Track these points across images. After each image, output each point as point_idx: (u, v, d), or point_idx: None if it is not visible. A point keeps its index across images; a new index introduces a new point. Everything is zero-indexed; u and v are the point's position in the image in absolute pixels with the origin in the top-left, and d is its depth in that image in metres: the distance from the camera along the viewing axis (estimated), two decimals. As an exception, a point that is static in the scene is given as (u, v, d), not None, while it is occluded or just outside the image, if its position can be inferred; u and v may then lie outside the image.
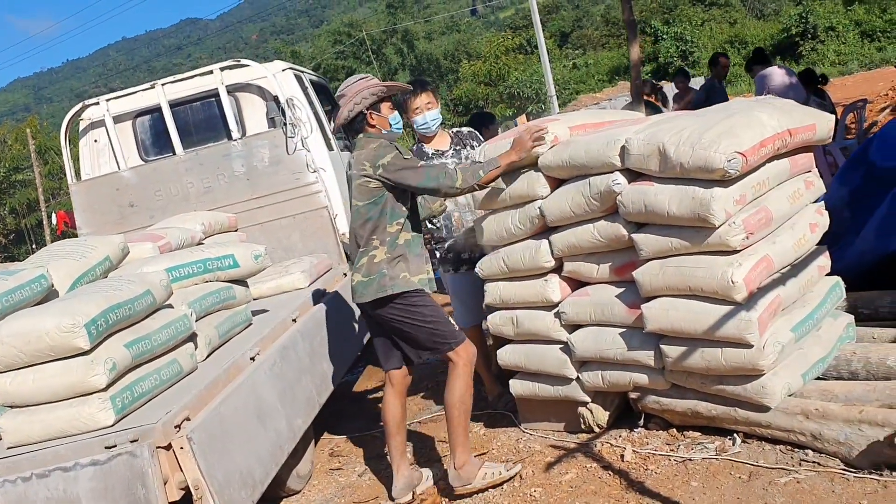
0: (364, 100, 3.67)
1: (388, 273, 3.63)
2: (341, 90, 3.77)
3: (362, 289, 3.68)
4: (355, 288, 3.73)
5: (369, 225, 3.66)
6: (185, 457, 2.91)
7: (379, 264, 3.64)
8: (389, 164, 3.57)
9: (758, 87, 7.64)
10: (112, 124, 6.25)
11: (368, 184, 3.61)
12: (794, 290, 3.36)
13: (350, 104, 3.67)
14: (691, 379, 3.42)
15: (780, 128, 3.20)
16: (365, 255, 3.68)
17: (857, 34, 36.77)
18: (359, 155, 3.68)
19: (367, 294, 3.66)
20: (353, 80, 3.77)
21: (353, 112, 3.68)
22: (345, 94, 3.73)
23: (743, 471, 3.18)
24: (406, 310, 3.66)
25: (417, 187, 3.64)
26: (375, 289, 3.64)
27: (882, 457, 2.92)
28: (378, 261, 3.64)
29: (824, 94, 9.30)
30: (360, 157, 3.66)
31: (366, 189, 3.63)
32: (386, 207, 3.64)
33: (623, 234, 3.48)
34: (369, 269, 3.65)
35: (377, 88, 3.70)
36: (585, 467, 3.56)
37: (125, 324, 3.22)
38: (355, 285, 3.72)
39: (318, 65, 45.90)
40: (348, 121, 3.72)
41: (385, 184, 3.60)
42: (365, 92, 3.67)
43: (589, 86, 39.78)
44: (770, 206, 3.24)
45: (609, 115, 4.24)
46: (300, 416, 3.98)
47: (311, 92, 6.57)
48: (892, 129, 4.72)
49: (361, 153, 3.67)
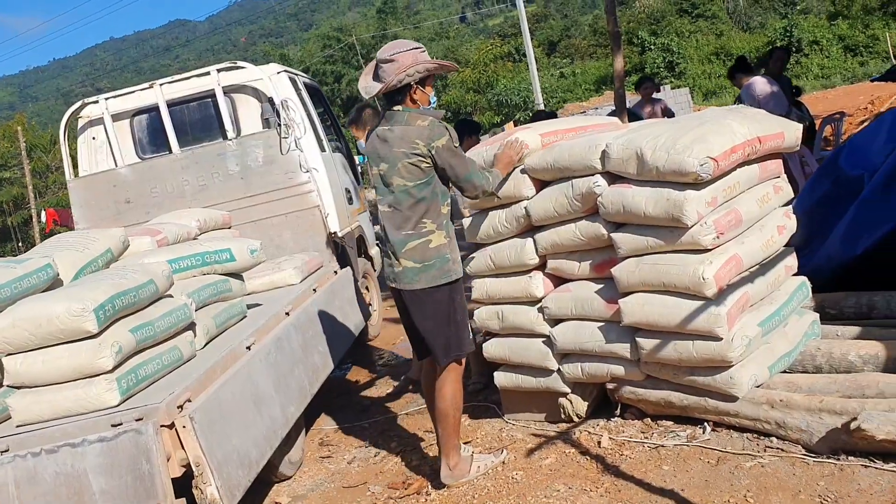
0: (417, 73, 3.47)
1: (452, 257, 3.56)
2: (390, 54, 3.50)
3: (414, 275, 3.52)
4: (402, 274, 3.55)
5: (421, 206, 3.50)
6: (187, 435, 3.08)
7: (439, 249, 3.52)
8: (444, 147, 3.45)
9: (744, 96, 7.86)
10: (110, 122, 6.40)
11: (420, 164, 3.46)
12: (762, 287, 3.58)
13: (401, 73, 3.44)
14: (664, 370, 3.63)
15: (750, 135, 3.43)
16: (415, 239, 3.51)
17: (840, 48, 37.36)
18: (406, 132, 3.48)
19: (421, 280, 3.52)
20: (407, 47, 3.53)
21: (402, 82, 3.46)
22: (394, 59, 3.47)
23: (711, 456, 3.39)
24: (451, 298, 3.60)
25: (459, 178, 3.53)
26: (437, 274, 3.52)
27: (839, 443, 3.14)
28: (437, 245, 3.52)
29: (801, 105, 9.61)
30: (408, 133, 3.47)
31: (416, 170, 3.47)
32: (437, 188, 3.53)
33: (603, 234, 3.69)
34: (424, 254, 3.51)
35: (431, 65, 3.54)
36: (564, 453, 3.76)
37: (130, 310, 3.39)
38: (402, 271, 3.55)
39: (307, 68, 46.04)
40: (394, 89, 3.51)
41: (434, 164, 3.49)
42: (419, 66, 3.46)
43: (576, 94, 40.19)
44: (740, 209, 3.46)
45: (577, 121, 4.46)
46: (293, 403, 4.15)
47: (305, 94, 6.74)
48: (861, 139, 4.97)
49: (410, 130, 3.47)
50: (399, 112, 3.55)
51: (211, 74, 6.31)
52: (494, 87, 41.75)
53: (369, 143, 3.69)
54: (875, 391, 3.27)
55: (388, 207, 3.59)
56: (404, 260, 3.55)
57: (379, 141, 3.59)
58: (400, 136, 3.49)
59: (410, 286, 3.57)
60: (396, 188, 3.53)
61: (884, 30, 35.48)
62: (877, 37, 35.36)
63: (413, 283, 3.55)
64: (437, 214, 3.54)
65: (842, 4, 40.19)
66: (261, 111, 6.38)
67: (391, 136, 3.53)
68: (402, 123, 3.51)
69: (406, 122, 3.51)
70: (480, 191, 3.64)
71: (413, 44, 3.57)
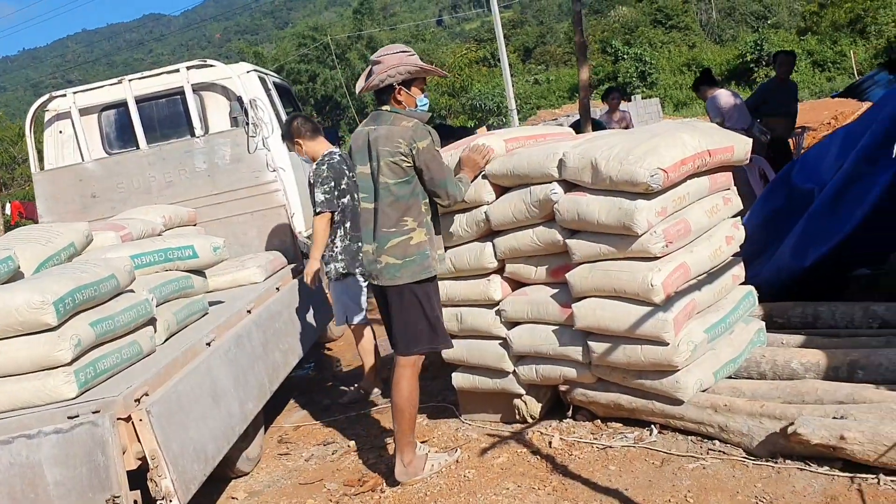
0: (399, 75, 3.62)
1: (431, 254, 3.72)
2: (379, 55, 3.72)
3: (395, 271, 3.67)
4: (384, 270, 3.70)
5: (401, 204, 3.65)
6: (143, 428, 3.12)
7: (420, 245, 3.67)
8: (425, 150, 3.60)
9: (709, 108, 7.99)
10: (78, 116, 6.39)
11: (402, 163, 3.61)
12: (709, 295, 3.71)
13: (383, 74, 3.62)
14: (614, 373, 3.74)
15: (700, 148, 3.55)
16: (397, 236, 3.66)
17: (808, 63, 37.98)
18: (390, 131, 3.63)
19: (402, 276, 3.67)
20: (395, 50, 3.72)
21: (384, 83, 3.62)
22: (381, 61, 3.68)
23: (656, 458, 3.50)
24: (429, 293, 3.76)
25: (435, 183, 3.66)
26: (418, 270, 3.67)
27: (778, 446, 3.27)
28: (417, 242, 3.67)
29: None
30: (392, 133, 3.62)
31: (398, 168, 3.62)
32: (417, 187, 3.67)
33: (559, 240, 3.79)
34: (405, 251, 3.66)
35: (414, 68, 3.65)
36: (516, 452, 3.85)
37: (90, 304, 3.42)
38: (384, 267, 3.69)
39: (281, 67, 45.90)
40: (377, 89, 3.69)
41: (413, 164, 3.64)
42: (401, 67, 3.61)
43: (550, 101, 40.48)
44: (689, 219, 3.58)
45: (540, 129, 4.60)
46: (251, 400, 4.20)
47: (274, 94, 6.80)
48: (813, 153, 5.14)
49: (394, 129, 3.63)
50: (385, 112, 3.72)
51: (180, 71, 6.33)
52: (469, 91, 41.92)
53: (354, 141, 3.82)
54: (814, 398, 3.40)
55: (371, 205, 3.73)
56: (386, 256, 3.69)
57: (363, 138, 3.75)
58: (385, 135, 3.64)
59: (392, 282, 3.71)
60: (381, 186, 3.67)
61: (851, 46, 36.23)
62: (844, 53, 36.08)
63: (395, 279, 3.70)
64: (418, 213, 3.69)
65: (811, 20, 40.93)
66: (229, 109, 6.42)
67: (375, 134, 3.68)
68: (388, 123, 3.68)
69: (391, 123, 3.67)
70: (453, 200, 3.77)
71: (402, 47, 3.76)
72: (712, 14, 52.52)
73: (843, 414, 3.12)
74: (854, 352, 3.61)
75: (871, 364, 3.49)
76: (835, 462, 3.09)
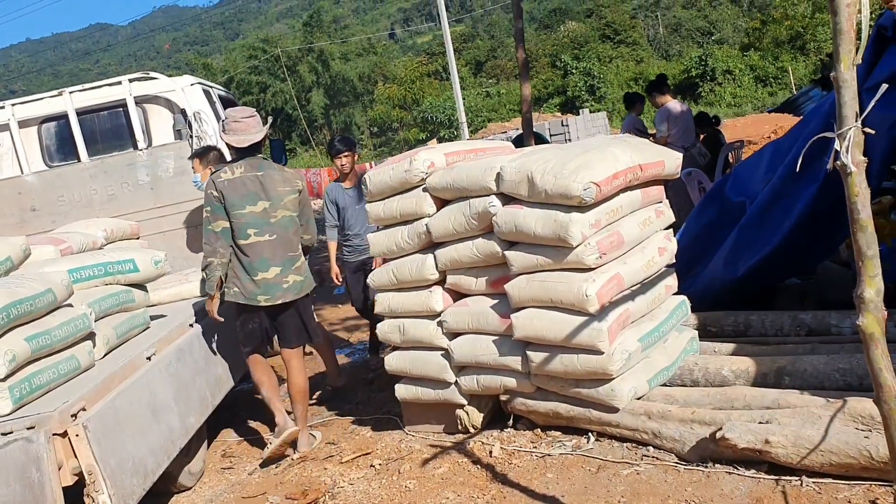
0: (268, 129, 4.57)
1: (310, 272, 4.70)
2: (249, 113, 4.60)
3: (300, 286, 4.57)
4: (292, 287, 4.51)
5: (298, 232, 4.59)
6: (79, 444, 3.10)
7: (305, 264, 4.68)
8: (304, 191, 4.67)
9: (657, 118, 8.14)
10: (17, 128, 6.30)
11: (296, 199, 4.56)
12: (643, 305, 3.81)
13: (265, 129, 4.56)
14: (553, 382, 3.82)
15: (632, 162, 3.66)
16: (299, 259, 4.58)
17: (751, 78, 38.96)
18: (283, 175, 4.56)
19: (304, 289, 4.61)
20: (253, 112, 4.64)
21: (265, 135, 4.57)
22: (254, 116, 4.59)
23: (593, 464, 3.58)
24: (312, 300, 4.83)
25: (308, 219, 4.71)
26: (309, 283, 4.66)
27: (708, 451, 3.37)
28: (304, 262, 4.66)
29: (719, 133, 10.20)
30: (286, 176, 4.58)
31: (296, 203, 4.56)
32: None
33: (497, 251, 3.87)
34: (302, 269, 4.61)
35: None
36: (457, 462, 3.91)
37: (26, 319, 3.39)
38: (292, 285, 4.51)
39: (231, 78, 45.51)
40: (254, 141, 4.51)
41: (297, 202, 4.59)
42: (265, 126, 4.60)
43: (500, 114, 40.79)
44: (622, 231, 3.69)
45: (480, 143, 4.71)
46: (193, 414, 4.19)
47: (219, 106, 6.77)
48: (745, 168, 5.31)
49: (285, 173, 4.60)
50: (265, 160, 4.59)
51: (123, 84, 6.29)
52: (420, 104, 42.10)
53: (239, 185, 4.39)
54: (742, 403, 3.51)
55: (270, 237, 4.44)
56: (293, 275, 4.53)
57: (255, 184, 4.43)
58: (281, 178, 4.52)
59: (299, 294, 4.59)
60: (282, 219, 4.47)
61: (792, 63, 37.29)
62: (785, 69, 37.10)
63: (300, 292, 4.60)
64: (300, 239, 4.65)
65: (754, 37, 42.01)
66: (173, 122, 6.38)
67: (269, 178, 4.47)
68: (274, 169, 4.55)
69: (277, 168, 4.58)
70: (316, 239, 4.83)
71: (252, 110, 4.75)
72: (659, 30, 53.59)
73: (769, 419, 3.24)
74: (781, 359, 3.74)
75: (797, 370, 3.62)
76: (761, 465, 3.20)
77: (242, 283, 4.45)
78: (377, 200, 4.38)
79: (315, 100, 48.19)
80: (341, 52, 51.21)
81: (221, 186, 4.36)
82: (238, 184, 4.38)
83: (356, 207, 5.82)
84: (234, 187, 4.37)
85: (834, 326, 4.07)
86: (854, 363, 3.45)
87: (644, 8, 57.02)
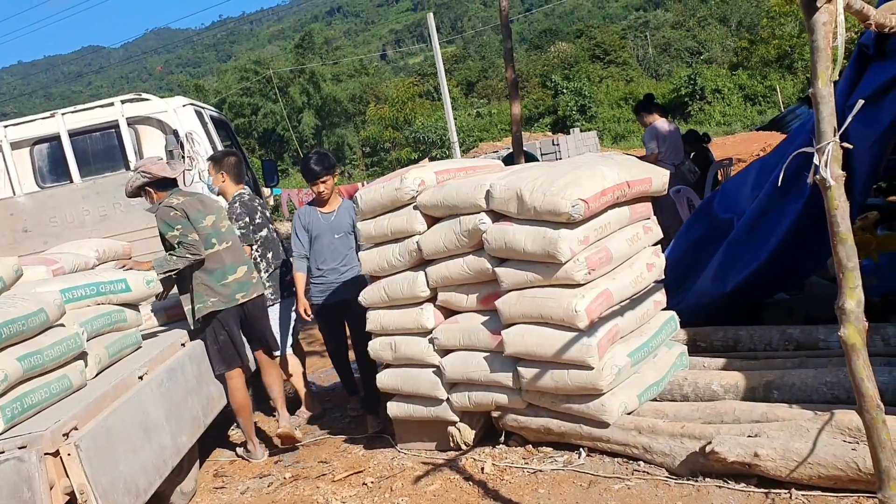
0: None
1: None
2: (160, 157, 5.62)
3: (261, 282, 5.09)
4: (259, 282, 5.02)
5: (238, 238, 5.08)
6: (71, 463, 3.10)
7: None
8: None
9: (646, 136, 8.20)
10: (9, 150, 6.33)
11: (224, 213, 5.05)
12: (632, 320, 3.85)
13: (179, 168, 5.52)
14: (544, 398, 3.84)
15: (620, 179, 3.71)
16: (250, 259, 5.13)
17: (740, 97, 39.31)
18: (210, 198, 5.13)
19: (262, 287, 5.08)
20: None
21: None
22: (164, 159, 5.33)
23: (584, 480, 3.60)
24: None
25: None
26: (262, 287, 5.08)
27: (698, 465, 3.39)
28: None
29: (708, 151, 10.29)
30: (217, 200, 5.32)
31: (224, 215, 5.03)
32: None
33: (488, 268, 3.90)
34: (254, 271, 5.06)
35: None
36: (449, 479, 3.91)
37: (18, 338, 3.39)
38: (258, 281, 5.02)
39: (224, 100, 45.63)
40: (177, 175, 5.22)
41: None
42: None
43: (492, 134, 40.98)
44: (611, 247, 3.73)
45: (470, 162, 4.77)
46: (185, 433, 4.19)
47: (211, 127, 6.81)
48: (732, 184, 5.37)
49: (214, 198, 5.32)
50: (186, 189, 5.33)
51: (115, 105, 6.33)
52: (412, 124, 42.25)
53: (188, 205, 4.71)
54: (732, 417, 3.54)
55: (228, 244, 4.84)
56: (255, 272, 5.04)
57: (198, 203, 4.82)
58: (209, 201, 5.00)
59: (259, 291, 4.99)
60: (228, 227, 4.93)
61: (780, 81, 37.65)
62: (773, 87, 37.46)
63: (261, 289, 5.05)
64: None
65: (742, 56, 42.43)
66: (165, 143, 6.41)
67: (200, 199, 4.93)
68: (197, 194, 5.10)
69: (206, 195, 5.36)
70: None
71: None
72: (649, 49, 54.10)
73: (758, 432, 3.26)
74: (770, 373, 3.77)
75: (786, 384, 3.65)
76: (751, 479, 3.23)
77: (217, 291, 4.72)
78: (368, 218, 4.41)
79: (306, 120, 48.33)
80: (333, 74, 51.42)
81: (180, 207, 4.67)
82: (187, 204, 4.70)
83: (334, 237, 5.13)
84: (188, 206, 4.70)
85: (822, 341, 4.10)
86: (841, 376, 3.48)
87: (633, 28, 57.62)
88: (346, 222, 5.15)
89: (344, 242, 5.16)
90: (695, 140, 10.09)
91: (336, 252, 5.14)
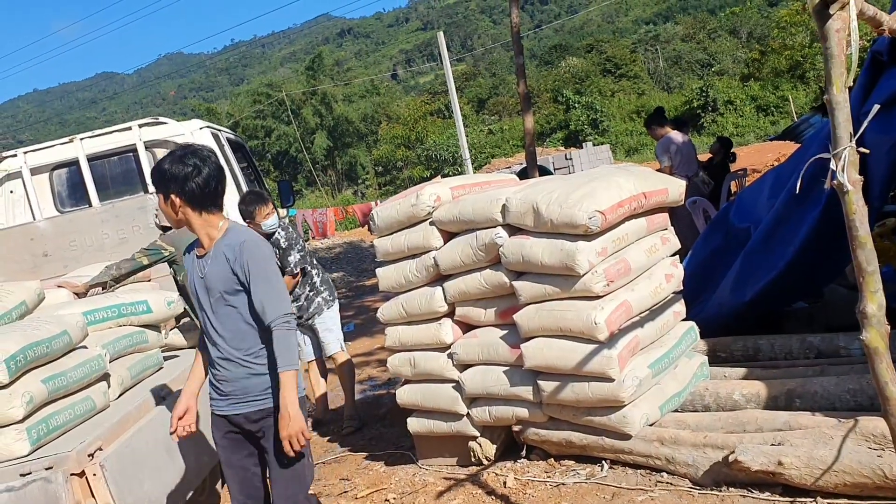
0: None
1: None
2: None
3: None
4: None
5: None
6: (97, 483, 3.12)
7: None
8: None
9: (658, 149, 8.21)
10: (29, 176, 6.42)
11: None
12: (652, 331, 3.84)
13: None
14: (565, 411, 3.84)
15: (636, 191, 3.72)
16: None
17: (753, 108, 39.25)
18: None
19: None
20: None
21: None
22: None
23: (607, 492, 3.59)
24: None
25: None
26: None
27: (721, 475, 3.38)
28: None
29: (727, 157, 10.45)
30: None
31: None
32: None
33: (505, 282, 3.91)
34: None
35: None
36: (472, 493, 3.91)
37: (43, 361, 3.43)
38: None
39: (237, 123, 46.01)
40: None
41: None
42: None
43: (504, 150, 41.09)
44: (629, 258, 3.73)
45: (485, 176, 4.80)
46: (207, 453, 4.20)
47: (228, 150, 6.88)
48: (748, 194, 5.36)
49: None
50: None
51: (132, 129, 6.41)
52: (424, 142, 42.48)
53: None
54: (754, 426, 3.52)
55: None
56: None
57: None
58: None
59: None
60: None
61: (792, 91, 37.57)
62: (786, 97, 37.39)
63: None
64: None
65: (754, 67, 42.42)
66: (182, 166, 6.47)
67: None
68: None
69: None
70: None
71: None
72: (659, 62, 54.16)
73: (781, 441, 3.25)
74: (791, 381, 3.75)
75: (808, 392, 3.63)
76: (775, 488, 3.21)
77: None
78: (385, 235, 4.44)
79: (318, 141, 48.67)
80: (344, 94, 51.80)
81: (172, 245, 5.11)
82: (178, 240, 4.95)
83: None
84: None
85: (843, 348, 4.08)
86: (864, 383, 3.46)
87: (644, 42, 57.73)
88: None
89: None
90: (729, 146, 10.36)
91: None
